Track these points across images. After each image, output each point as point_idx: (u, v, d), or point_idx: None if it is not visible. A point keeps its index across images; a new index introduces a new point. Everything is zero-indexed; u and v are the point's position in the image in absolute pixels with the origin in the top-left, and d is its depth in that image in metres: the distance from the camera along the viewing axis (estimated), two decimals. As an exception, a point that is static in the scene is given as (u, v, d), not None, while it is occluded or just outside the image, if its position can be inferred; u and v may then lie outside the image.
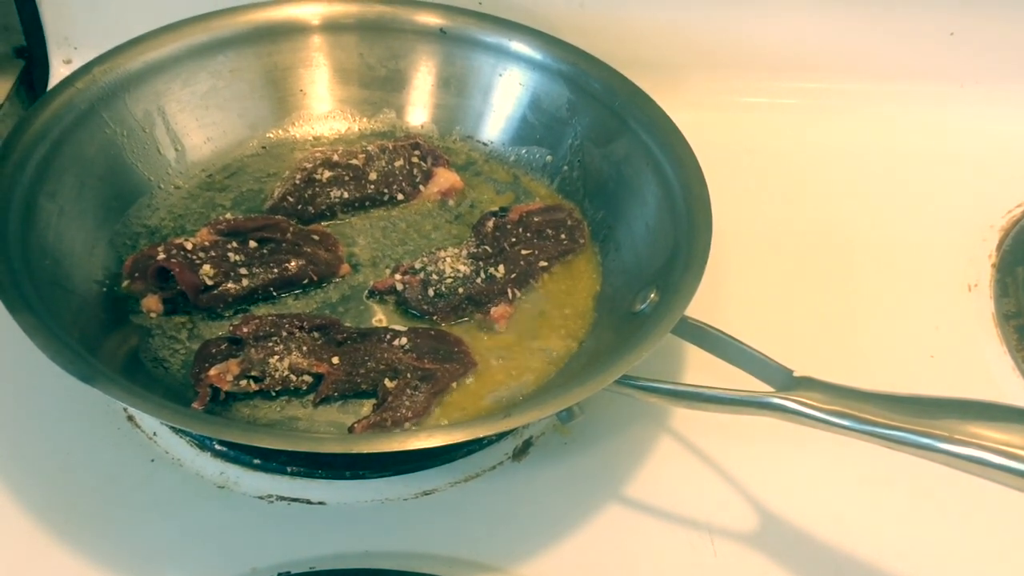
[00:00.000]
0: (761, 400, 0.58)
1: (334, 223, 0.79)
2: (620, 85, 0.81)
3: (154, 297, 0.70)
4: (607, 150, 0.81)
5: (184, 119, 0.81)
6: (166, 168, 0.80)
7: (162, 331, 0.70)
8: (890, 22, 0.95)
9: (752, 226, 0.83)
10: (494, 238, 0.76)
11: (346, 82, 0.88)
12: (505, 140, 0.86)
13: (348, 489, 0.65)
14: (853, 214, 0.88)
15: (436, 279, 0.72)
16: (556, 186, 0.83)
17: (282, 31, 0.85)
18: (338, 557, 0.61)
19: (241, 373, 0.65)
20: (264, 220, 0.75)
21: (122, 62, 0.78)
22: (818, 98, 0.98)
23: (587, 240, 0.78)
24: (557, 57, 0.84)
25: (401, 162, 0.81)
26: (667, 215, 0.73)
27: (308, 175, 0.79)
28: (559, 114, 0.84)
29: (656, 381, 0.60)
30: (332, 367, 0.66)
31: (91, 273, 0.71)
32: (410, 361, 0.67)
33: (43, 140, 0.71)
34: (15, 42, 0.92)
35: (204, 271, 0.70)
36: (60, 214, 0.70)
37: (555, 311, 0.74)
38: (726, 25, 0.95)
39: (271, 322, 0.68)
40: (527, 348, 0.71)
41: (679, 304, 0.63)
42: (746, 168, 0.90)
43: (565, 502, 0.66)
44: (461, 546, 0.62)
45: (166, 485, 0.65)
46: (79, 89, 0.75)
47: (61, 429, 0.67)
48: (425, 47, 0.87)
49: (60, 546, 0.61)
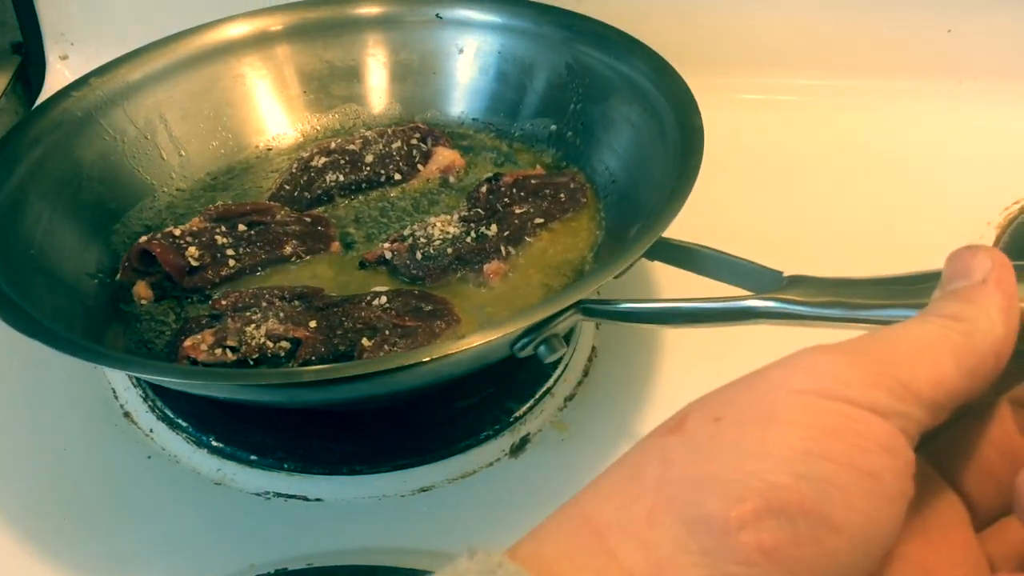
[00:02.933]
0: (747, 306, 0.52)
1: (332, 207, 0.77)
2: (614, 36, 0.78)
3: (142, 283, 0.69)
4: (607, 104, 0.77)
5: (186, 127, 0.82)
6: (169, 172, 0.80)
7: (150, 316, 0.69)
8: (887, 18, 0.93)
9: (749, 223, 0.79)
10: (487, 201, 0.73)
11: (349, 79, 0.87)
12: (507, 117, 0.83)
13: (345, 485, 0.64)
14: (849, 210, 0.85)
15: (424, 242, 0.70)
16: (561, 153, 0.80)
17: (273, 38, 0.85)
18: (336, 553, 0.59)
19: (216, 342, 0.63)
20: (254, 205, 0.74)
21: (122, 73, 0.79)
22: (815, 95, 0.96)
23: (590, 199, 0.74)
24: (553, 24, 0.82)
25: (399, 144, 0.80)
26: (662, 153, 0.69)
27: (304, 163, 0.79)
28: (559, 81, 0.81)
29: (630, 301, 0.55)
30: (310, 331, 0.63)
31: (83, 267, 0.70)
32: (390, 319, 0.63)
33: (38, 144, 0.72)
34: (11, 38, 0.94)
35: (189, 252, 0.69)
36: (53, 212, 0.71)
37: (553, 264, 0.70)
38: (724, 21, 0.94)
39: (251, 294, 0.66)
40: (522, 300, 0.67)
41: (658, 225, 0.58)
42: (743, 165, 0.88)
43: (563, 498, 0.62)
44: (459, 542, 0.59)
45: (162, 482, 0.64)
46: (76, 98, 0.76)
47: (57, 426, 0.67)
48: (422, 34, 0.86)
49: (56, 543, 0.60)
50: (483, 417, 0.65)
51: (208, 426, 0.65)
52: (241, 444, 0.64)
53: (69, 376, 0.70)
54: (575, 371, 0.69)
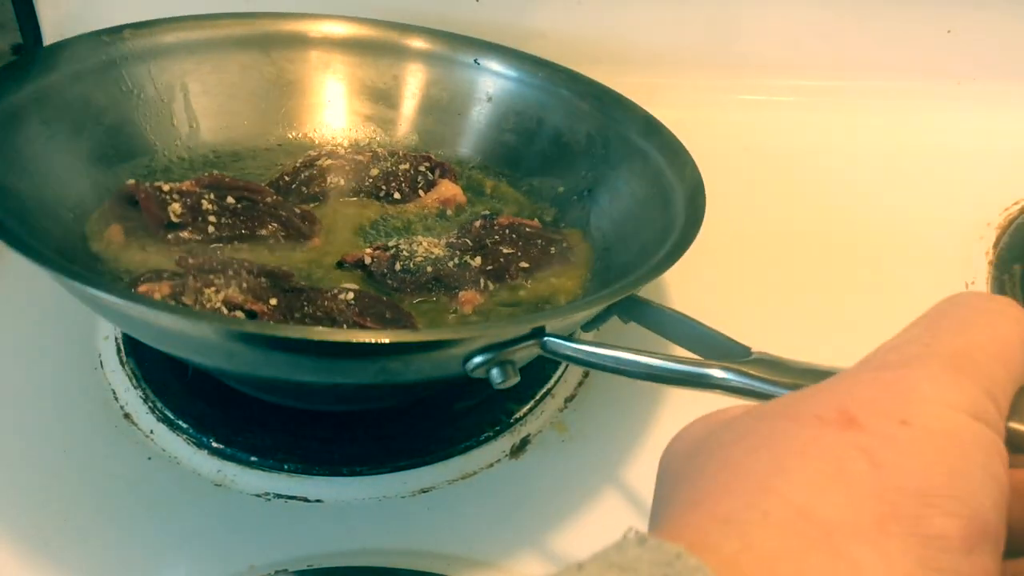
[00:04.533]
0: (707, 373, 0.50)
1: (324, 206, 0.77)
2: (633, 114, 0.79)
3: (116, 226, 0.68)
4: (617, 174, 0.77)
5: (205, 101, 0.82)
6: (175, 139, 0.80)
7: (116, 262, 0.67)
8: (886, 19, 0.94)
9: (746, 224, 0.81)
10: (478, 235, 0.72)
11: (376, 101, 0.88)
12: (518, 169, 0.84)
13: (345, 487, 0.63)
14: (849, 211, 0.85)
15: (407, 256, 0.68)
16: (562, 214, 0.80)
17: (323, 43, 0.87)
18: (336, 555, 0.58)
19: (172, 294, 0.61)
20: (248, 183, 0.74)
21: (157, 31, 0.80)
22: (814, 95, 0.97)
23: (579, 261, 0.74)
24: (582, 93, 0.83)
25: (407, 166, 0.80)
26: (660, 232, 0.68)
27: (310, 161, 0.78)
28: (576, 147, 0.82)
29: (592, 344, 0.53)
30: (268, 307, 0.62)
31: (63, 200, 0.69)
32: (351, 315, 0.62)
33: (54, 71, 0.72)
34: (11, 39, 0.94)
35: (172, 208, 0.68)
36: (49, 139, 0.70)
37: (527, 309, 0.69)
38: (721, 22, 0.95)
39: (220, 260, 0.65)
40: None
41: (635, 282, 0.58)
42: (741, 166, 0.88)
43: (563, 499, 0.63)
44: (459, 543, 0.60)
45: (162, 483, 0.63)
46: (105, 42, 0.77)
47: (57, 427, 0.65)
48: (457, 76, 0.87)
49: (56, 544, 0.58)
50: (483, 418, 0.66)
51: (208, 427, 0.64)
52: (241, 445, 0.63)
53: (69, 377, 0.68)
54: (575, 372, 0.69)
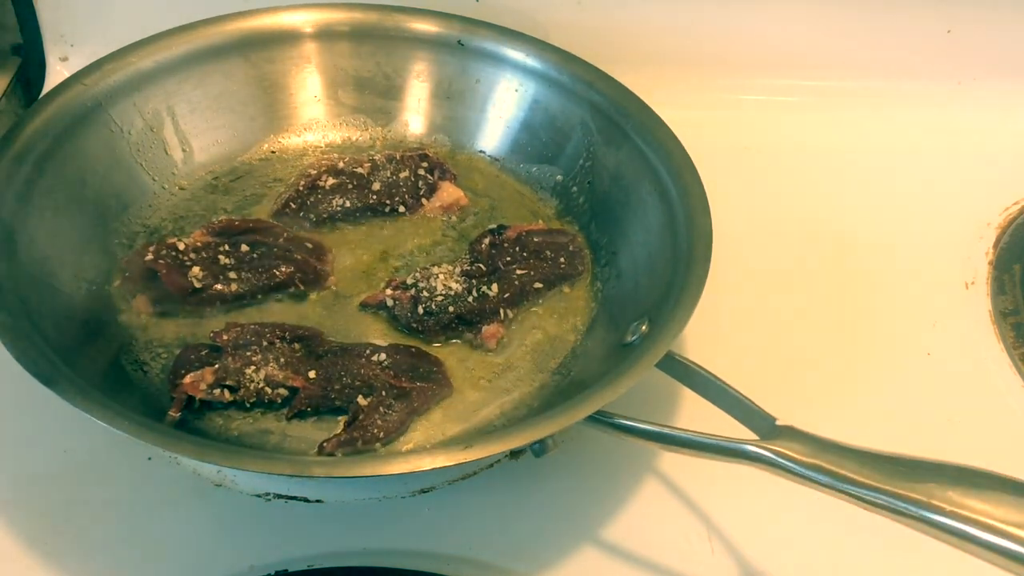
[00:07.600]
0: (738, 448, 0.55)
1: (334, 231, 0.78)
2: (634, 106, 0.79)
3: (143, 297, 0.70)
4: (616, 172, 0.78)
5: (194, 120, 0.81)
6: (171, 169, 0.79)
7: (147, 333, 0.69)
8: (887, 19, 0.94)
9: (748, 224, 0.82)
10: (489, 256, 0.74)
11: (361, 90, 0.86)
12: (516, 157, 0.84)
13: (345, 487, 0.64)
14: (850, 211, 0.87)
15: (427, 296, 0.71)
16: (563, 206, 0.81)
17: (300, 37, 0.85)
18: (336, 555, 0.60)
19: (216, 382, 0.64)
20: (257, 223, 0.74)
21: (134, 60, 0.78)
22: (815, 95, 0.97)
23: (587, 268, 0.76)
24: (575, 76, 0.82)
25: (406, 173, 0.80)
26: (669, 244, 0.71)
27: (312, 182, 0.79)
28: (572, 134, 0.82)
29: (631, 419, 0.57)
30: (308, 381, 0.65)
31: (81, 272, 0.70)
32: (387, 378, 0.65)
33: (45, 136, 0.71)
34: (11, 40, 0.92)
35: (193, 273, 0.70)
36: (56, 211, 0.70)
37: (547, 335, 0.72)
38: (723, 22, 0.94)
39: (252, 330, 0.67)
40: (514, 372, 0.69)
41: (665, 339, 0.61)
42: (742, 166, 0.89)
43: (563, 499, 0.65)
44: (458, 543, 0.62)
45: (164, 483, 0.64)
46: (86, 85, 0.75)
47: (58, 427, 0.66)
48: (442, 59, 0.86)
49: (57, 544, 0.61)
50: (484, 419, 0.66)
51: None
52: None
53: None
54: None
